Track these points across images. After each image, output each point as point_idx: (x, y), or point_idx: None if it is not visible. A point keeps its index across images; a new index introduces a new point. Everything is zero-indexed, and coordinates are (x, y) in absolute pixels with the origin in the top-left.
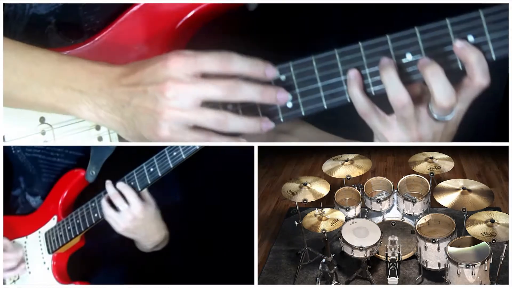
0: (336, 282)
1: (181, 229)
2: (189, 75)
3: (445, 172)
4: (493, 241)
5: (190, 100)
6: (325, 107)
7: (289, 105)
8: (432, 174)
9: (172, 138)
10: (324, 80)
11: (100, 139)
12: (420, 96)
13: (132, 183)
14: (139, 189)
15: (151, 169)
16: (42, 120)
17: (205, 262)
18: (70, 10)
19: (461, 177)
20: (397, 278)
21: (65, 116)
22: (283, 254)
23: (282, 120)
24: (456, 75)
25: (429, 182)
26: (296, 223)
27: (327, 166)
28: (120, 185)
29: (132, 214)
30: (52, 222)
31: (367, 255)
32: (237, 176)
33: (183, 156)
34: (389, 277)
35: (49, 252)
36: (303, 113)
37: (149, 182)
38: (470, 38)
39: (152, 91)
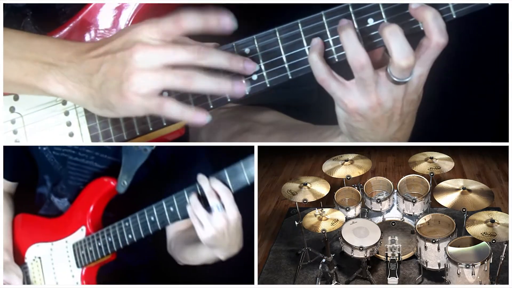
0: (336, 282)
1: None
2: (157, 39)
3: (445, 172)
4: (493, 241)
5: (159, 62)
6: (290, 77)
7: (254, 77)
8: (432, 174)
9: (138, 103)
10: (287, 50)
11: (68, 124)
12: (381, 62)
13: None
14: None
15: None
16: (12, 109)
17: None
18: (46, 3)
19: (461, 177)
20: (397, 278)
21: (34, 102)
22: (283, 254)
23: (247, 92)
24: (418, 39)
25: (429, 182)
26: (296, 223)
27: (327, 166)
28: (217, 184)
29: (226, 219)
30: (80, 234)
31: (367, 255)
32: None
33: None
34: (389, 277)
35: (78, 266)
36: (268, 85)
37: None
38: None
39: (121, 56)
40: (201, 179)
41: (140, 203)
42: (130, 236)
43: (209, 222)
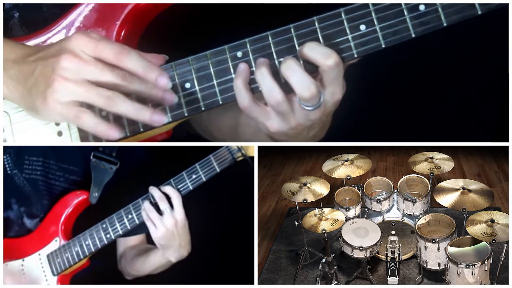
0: (336, 282)
1: None
2: (88, 55)
3: (445, 172)
4: (493, 241)
5: (83, 76)
6: (282, 80)
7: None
8: (432, 174)
9: (58, 110)
10: (280, 54)
11: (57, 123)
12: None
13: (179, 187)
14: (182, 194)
15: (194, 176)
16: None
17: (205, 262)
18: (34, 4)
19: (461, 177)
20: (397, 278)
21: None
22: (283, 254)
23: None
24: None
25: (429, 182)
26: (296, 223)
27: (327, 166)
28: (167, 188)
29: (174, 219)
30: (54, 244)
31: (367, 255)
32: (237, 176)
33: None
34: (389, 277)
35: (53, 274)
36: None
37: (191, 187)
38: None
39: (51, 61)
40: (152, 188)
41: (105, 213)
42: (108, 235)
43: (160, 222)
